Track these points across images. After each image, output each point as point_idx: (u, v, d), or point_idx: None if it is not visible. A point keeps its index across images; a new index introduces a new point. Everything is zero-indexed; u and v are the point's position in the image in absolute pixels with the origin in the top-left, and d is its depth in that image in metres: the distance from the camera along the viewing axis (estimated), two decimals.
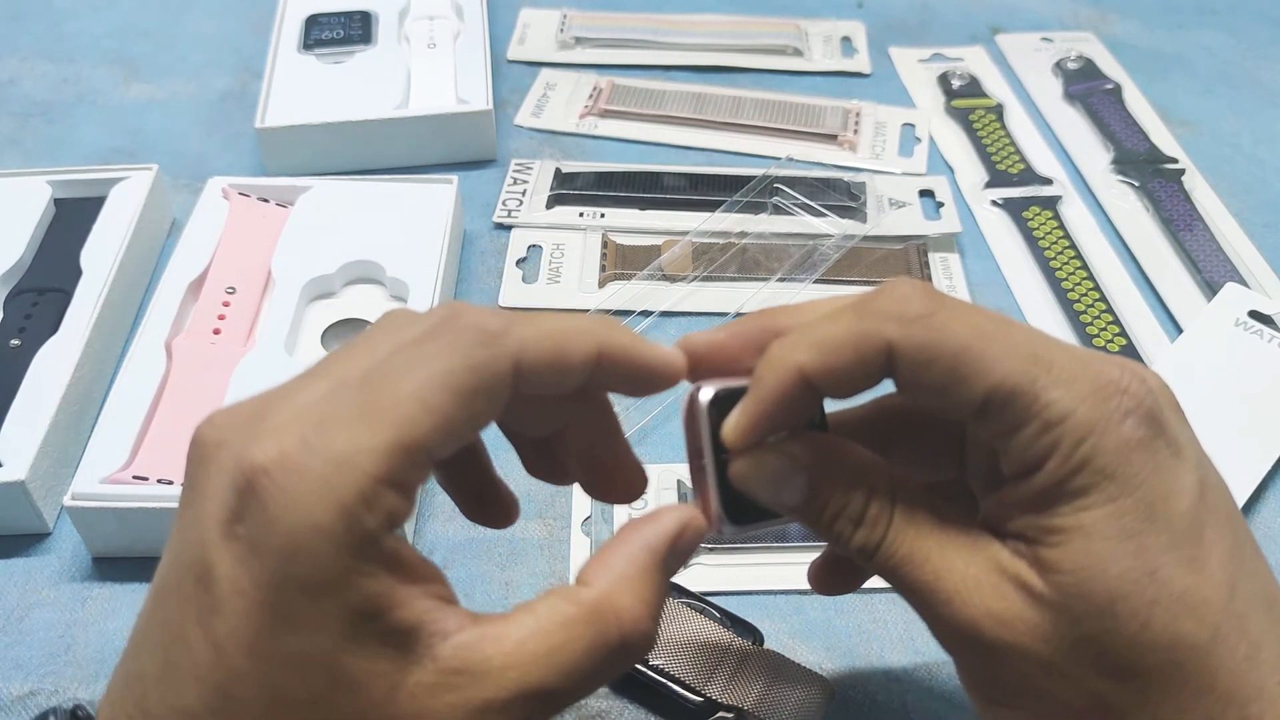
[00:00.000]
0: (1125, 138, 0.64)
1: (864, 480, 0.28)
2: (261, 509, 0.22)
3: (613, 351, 0.27)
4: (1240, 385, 0.48)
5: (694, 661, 0.37)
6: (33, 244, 0.52)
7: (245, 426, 0.24)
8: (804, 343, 0.27)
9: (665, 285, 0.54)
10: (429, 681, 0.24)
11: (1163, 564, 0.25)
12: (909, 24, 0.74)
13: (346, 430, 0.23)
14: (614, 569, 0.26)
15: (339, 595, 0.23)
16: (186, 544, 0.24)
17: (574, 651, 0.25)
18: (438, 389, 0.24)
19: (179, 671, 0.23)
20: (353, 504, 0.22)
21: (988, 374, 0.25)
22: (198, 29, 0.72)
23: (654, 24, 0.72)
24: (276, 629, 0.23)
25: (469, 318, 0.25)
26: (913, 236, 0.56)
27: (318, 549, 0.22)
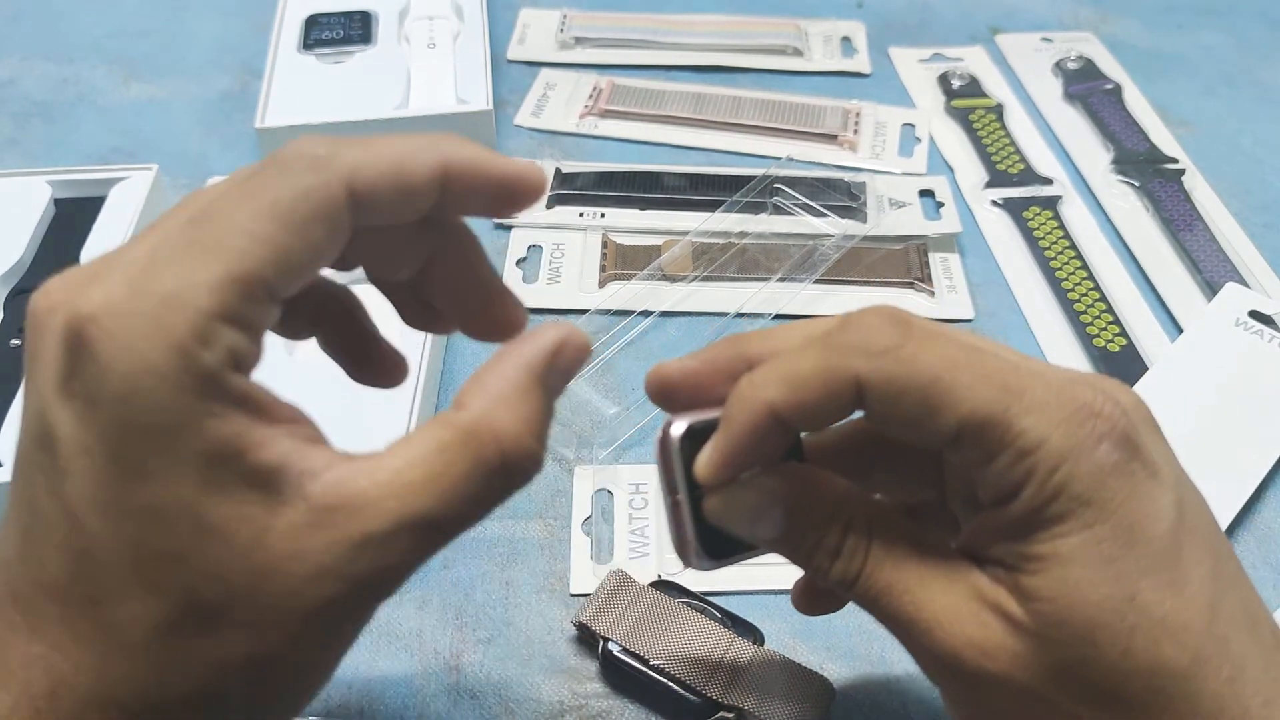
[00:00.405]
0: (1125, 138, 0.64)
1: (840, 513, 0.28)
2: (93, 359, 0.21)
3: (460, 167, 0.25)
4: (1240, 385, 0.48)
5: (694, 661, 0.37)
6: (33, 244, 0.52)
7: (71, 285, 0.23)
8: (773, 379, 0.27)
9: (665, 285, 0.54)
10: (300, 521, 0.23)
11: (1142, 589, 0.25)
12: (909, 24, 0.74)
13: (174, 268, 0.22)
14: (490, 389, 0.25)
15: (187, 439, 0.22)
16: (28, 415, 0.23)
17: (454, 476, 0.24)
18: (265, 218, 0.23)
19: (37, 544, 0.23)
20: (187, 341, 0.21)
21: (958, 405, 0.25)
22: (198, 29, 0.72)
23: (654, 24, 0.72)
24: (126, 481, 0.22)
25: (295, 147, 0.24)
26: (913, 236, 0.56)
27: (156, 391, 0.21)
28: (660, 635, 0.37)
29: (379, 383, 0.31)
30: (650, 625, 0.38)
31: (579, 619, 0.39)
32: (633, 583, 0.39)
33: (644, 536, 0.43)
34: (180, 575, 0.22)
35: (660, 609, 0.38)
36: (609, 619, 0.38)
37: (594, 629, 0.38)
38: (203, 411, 0.22)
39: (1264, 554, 0.43)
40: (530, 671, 0.39)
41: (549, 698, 0.38)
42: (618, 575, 0.39)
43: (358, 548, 0.23)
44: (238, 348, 0.23)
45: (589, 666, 0.39)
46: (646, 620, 0.38)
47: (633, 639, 0.37)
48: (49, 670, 0.22)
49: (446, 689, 0.38)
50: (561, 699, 0.38)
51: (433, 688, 0.38)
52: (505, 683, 0.38)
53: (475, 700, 0.38)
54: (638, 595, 0.39)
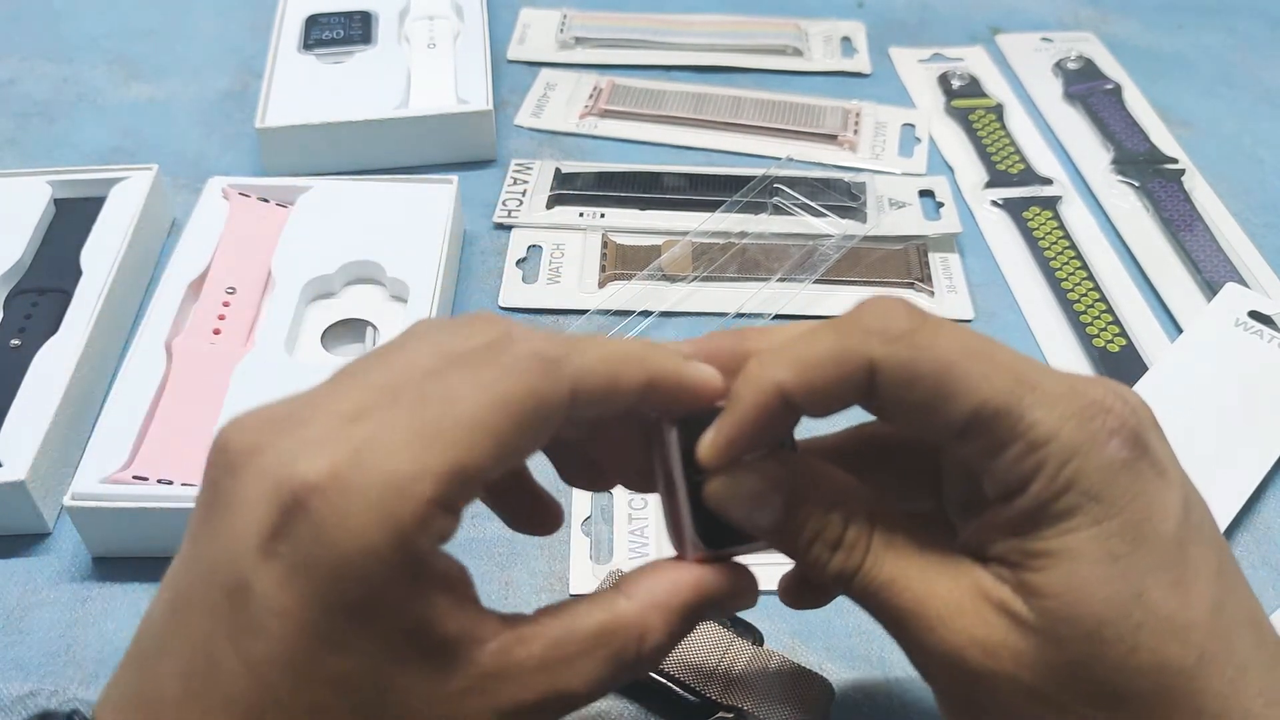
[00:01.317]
0: (1125, 138, 0.64)
1: (842, 502, 0.28)
2: (311, 528, 0.22)
3: (661, 378, 0.27)
4: (1240, 385, 0.48)
5: (694, 661, 0.37)
6: (33, 244, 0.52)
7: (281, 434, 0.23)
8: (784, 360, 0.26)
9: (665, 285, 0.54)
10: (464, 687, 0.24)
11: (1149, 587, 0.25)
12: (909, 24, 0.74)
13: (405, 451, 0.22)
14: (657, 593, 0.27)
15: (390, 617, 0.22)
16: (215, 560, 0.23)
17: (597, 661, 0.25)
18: (500, 415, 0.23)
19: (205, 694, 0.23)
20: (409, 527, 0.22)
21: (972, 393, 0.25)
22: (198, 29, 0.72)
23: (654, 24, 0.72)
24: (321, 651, 0.22)
25: (527, 344, 0.25)
26: (913, 237, 0.56)
27: (370, 572, 0.22)
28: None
29: (539, 532, 0.32)
30: None
31: None
32: None
33: (643, 537, 0.43)
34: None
35: None
36: None
37: None
38: (409, 593, 0.23)
39: (1264, 554, 0.43)
40: None
41: None
42: (617, 575, 0.39)
43: (505, 715, 0.24)
44: (446, 530, 0.23)
45: None
46: None
47: None
48: None
49: None
50: None
51: None
52: None
53: None
54: None
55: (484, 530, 0.43)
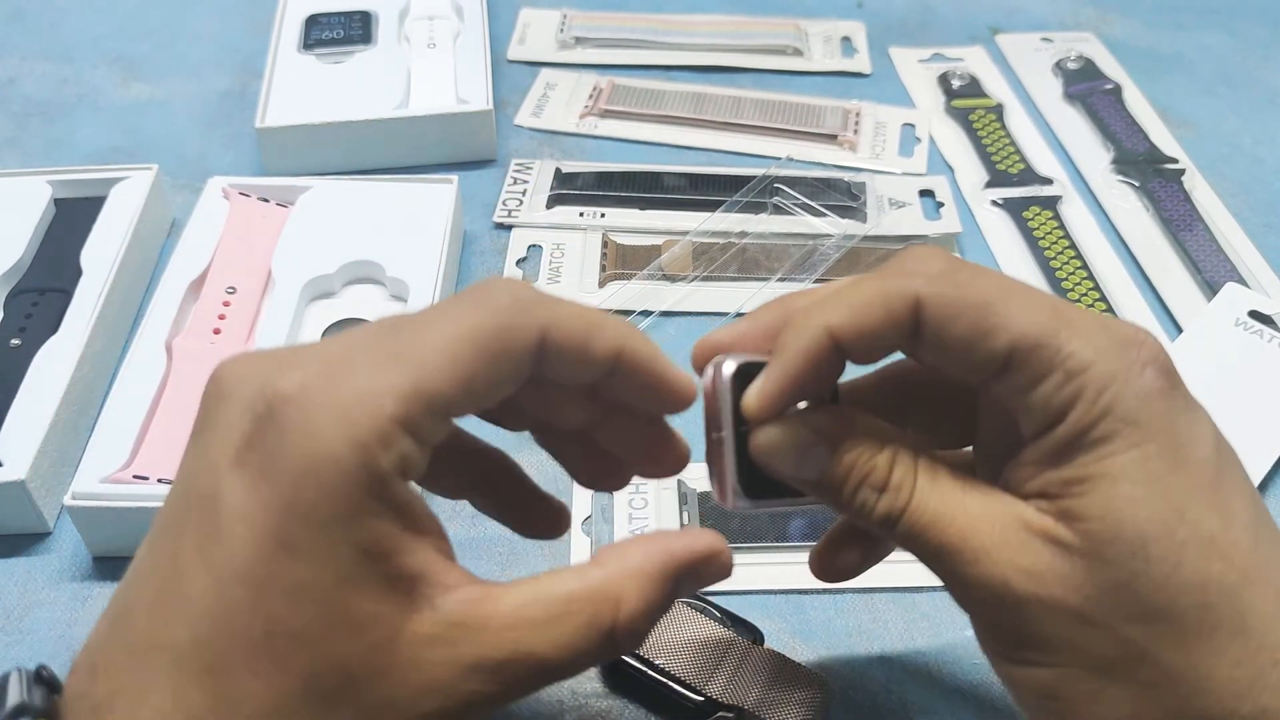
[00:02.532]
0: (1125, 138, 0.64)
1: (885, 446, 0.28)
2: (278, 434, 0.22)
3: (634, 355, 0.27)
4: (1240, 385, 0.48)
5: (694, 661, 0.37)
6: (33, 244, 0.52)
7: (268, 364, 0.24)
8: (831, 305, 0.27)
9: (665, 285, 0.54)
10: (426, 632, 0.24)
11: (1189, 506, 0.25)
12: (909, 24, 0.74)
13: (370, 370, 0.23)
14: (629, 560, 0.26)
15: (347, 530, 0.23)
16: (193, 474, 0.24)
17: (570, 626, 0.25)
18: (464, 342, 0.24)
19: (170, 603, 0.23)
20: (369, 440, 0.23)
21: (1011, 327, 0.26)
22: (198, 29, 0.72)
23: (654, 24, 0.72)
24: (280, 557, 0.22)
25: (503, 285, 0.26)
26: (913, 236, 0.56)
27: (331, 479, 0.22)
28: (660, 635, 0.37)
29: (542, 535, 0.33)
30: None
31: None
32: None
33: None
34: (306, 658, 0.23)
35: None
36: None
37: None
38: (368, 509, 0.23)
39: None
40: None
41: (549, 697, 0.38)
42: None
43: (471, 669, 0.24)
44: (409, 456, 0.24)
45: None
46: None
47: None
48: None
49: None
50: (561, 699, 0.38)
51: None
52: None
53: None
54: None
55: (484, 530, 0.43)
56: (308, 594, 0.22)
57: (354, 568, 0.23)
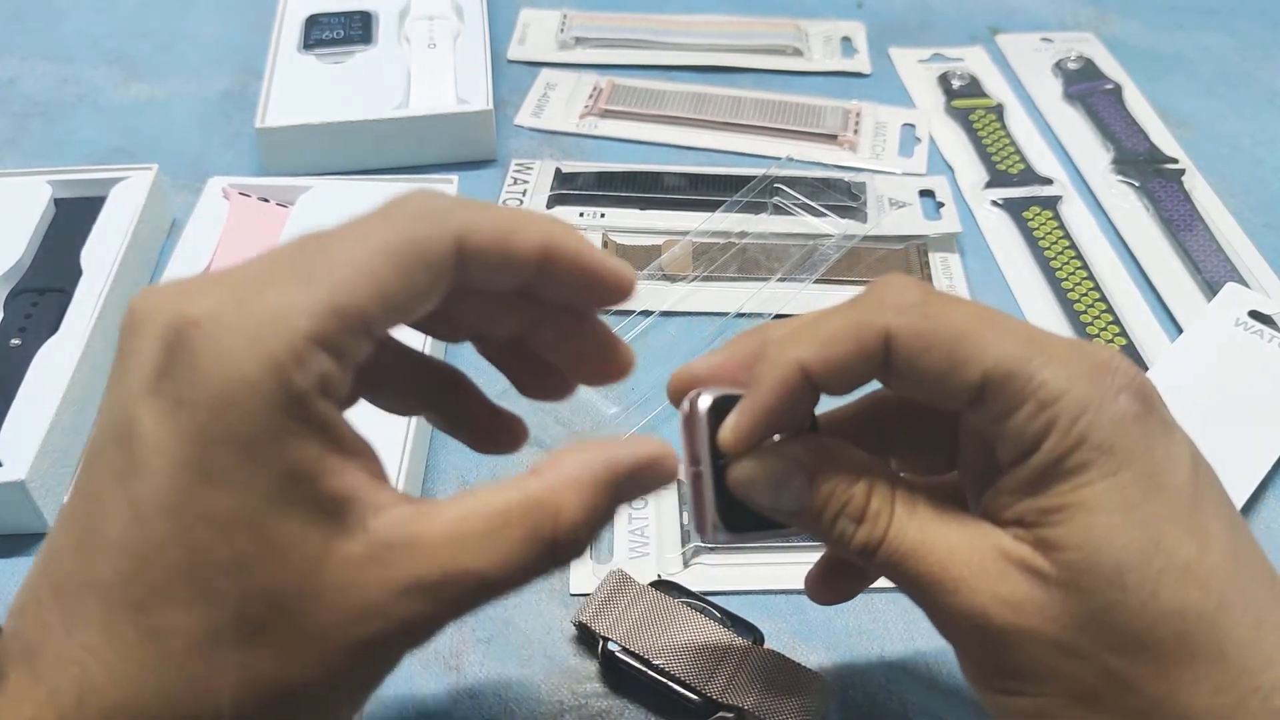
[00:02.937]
0: (1125, 138, 0.64)
1: (863, 476, 0.28)
2: (190, 361, 0.22)
3: (560, 251, 0.26)
4: (1240, 385, 0.48)
5: (694, 661, 0.37)
6: (33, 244, 0.51)
7: (177, 292, 0.23)
8: (803, 338, 0.27)
9: (665, 285, 0.54)
10: (358, 554, 0.23)
11: (1166, 534, 0.25)
12: (909, 24, 0.74)
13: (278, 290, 0.23)
14: (566, 470, 0.25)
15: (267, 453, 0.22)
16: (110, 409, 0.23)
17: (508, 539, 0.24)
18: (377, 255, 0.24)
19: (93, 541, 0.23)
20: (284, 359, 0.22)
21: (983, 357, 0.26)
22: (198, 29, 0.72)
23: (654, 24, 0.72)
24: (199, 486, 0.22)
25: (416, 197, 0.25)
26: (913, 236, 0.56)
27: (247, 403, 0.22)
28: (660, 635, 0.37)
29: (499, 449, 0.32)
30: (650, 625, 0.38)
31: (579, 619, 0.39)
32: (632, 583, 0.39)
33: (644, 536, 0.43)
34: (234, 588, 0.22)
35: (660, 609, 0.38)
36: (609, 619, 0.38)
37: (594, 629, 0.38)
38: (287, 430, 0.22)
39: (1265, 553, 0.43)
40: (530, 671, 0.39)
41: (549, 697, 0.38)
42: (617, 575, 0.39)
43: (406, 590, 0.23)
44: (329, 374, 0.23)
45: (589, 666, 0.39)
46: (646, 620, 0.38)
47: (633, 639, 0.37)
48: (81, 676, 0.22)
49: (446, 689, 0.38)
50: (561, 699, 0.38)
51: (433, 687, 0.38)
52: (505, 682, 0.38)
53: (475, 700, 0.38)
54: (637, 595, 0.39)
55: None
56: (230, 522, 0.22)
57: (277, 493, 0.22)
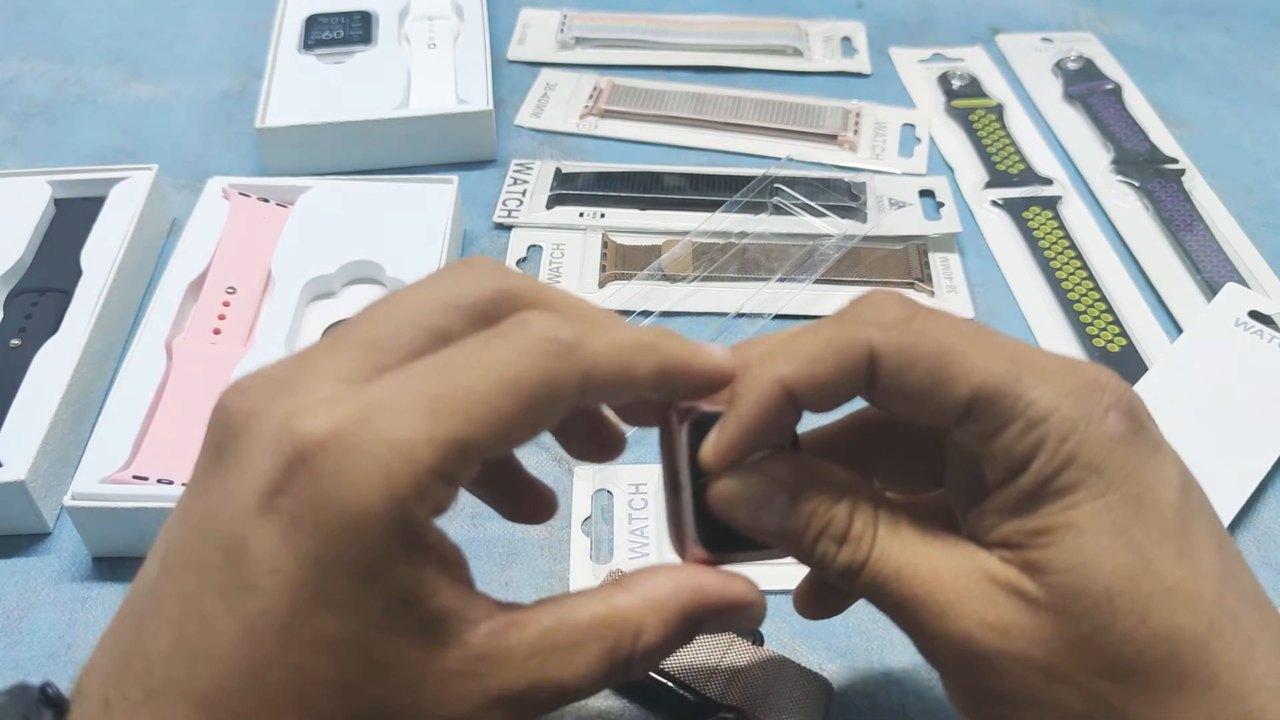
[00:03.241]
0: (1125, 138, 0.64)
1: (845, 496, 0.28)
2: (313, 483, 0.22)
3: (674, 367, 0.26)
4: (1240, 385, 0.48)
5: (694, 661, 0.37)
6: (33, 244, 0.52)
7: (283, 394, 0.23)
8: (784, 355, 0.26)
9: (665, 285, 0.54)
10: (455, 668, 0.24)
11: (1155, 557, 0.25)
12: (909, 24, 0.74)
13: (410, 417, 0.22)
14: (656, 591, 0.26)
15: (382, 581, 0.23)
16: (212, 518, 0.23)
17: (589, 654, 0.25)
18: (509, 395, 0.23)
19: (195, 650, 0.23)
20: (407, 493, 0.22)
21: (970, 375, 0.25)
22: (198, 29, 0.72)
23: (654, 24, 0.72)
24: (314, 608, 0.22)
25: (541, 323, 0.24)
26: (913, 236, 0.56)
27: (369, 532, 0.22)
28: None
29: (529, 519, 0.32)
30: None
31: None
32: None
33: (644, 536, 0.43)
34: (338, 706, 0.23)
35: None
36: None
37: None
38: (402, 558, 0.23)
39: (1264, 554, 0.43)
40: None
41: None
42: (617, 575, 0.39)
43: (496, 700, 0.24)
44: (442, 501, 0.23)
45: None
46: None
47: None
48: None
49: None
50: None
51: None
52: None
53: None
54: None
55: (484, 530, 0.43)
56: (342, 645, 0.22)
57: (388, 617, 0.23)
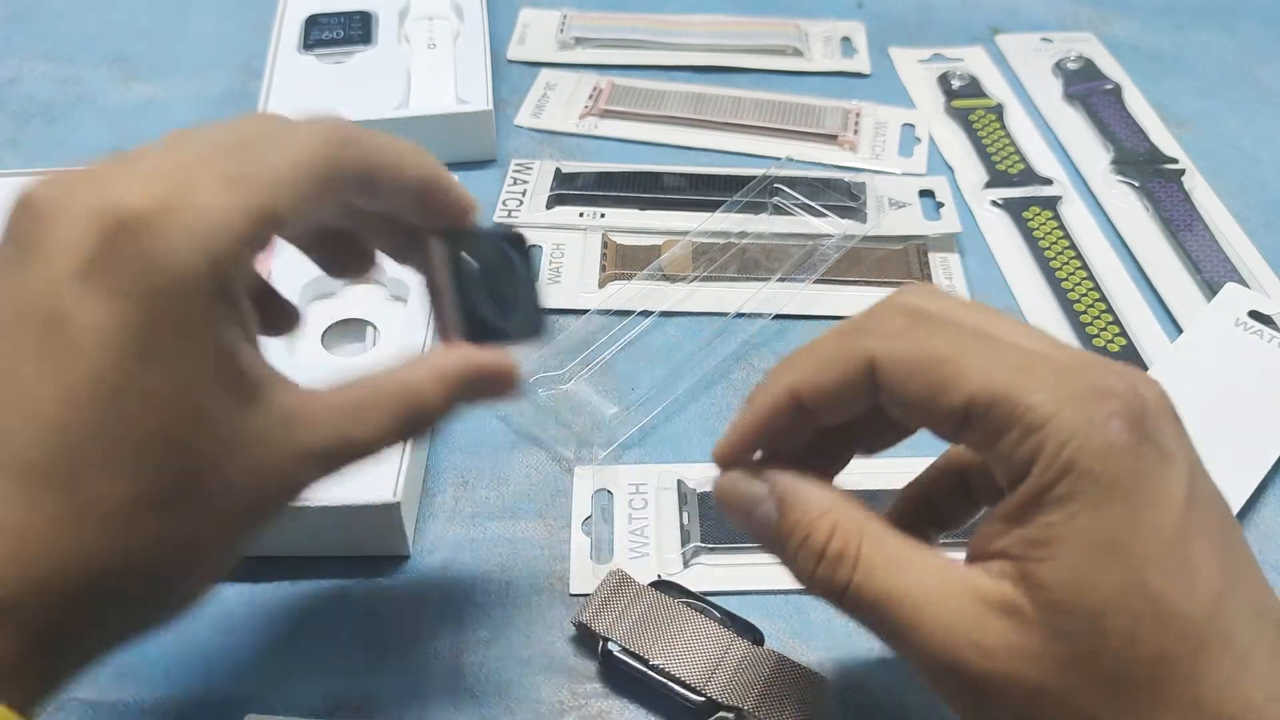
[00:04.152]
0: (1125, 138, 0.64)
1: (829, 513, 0.28)
2: (136, 250, 0.24)
3: (432, 176, 0.31)
4: (1240, 385, 0.48)
5: (694, 661, 0.37)
6: None
7: (88, 181, 0.25)
8: (793, 363, 0.29)
9: (665, 285, 0.54)
10: (265, 427, 0.26)
11: (1150, 576, 0.24)
12: (909, 24, 0.74)
13: (223, 192, 0.25)
14: (439, 362, 0.31)
15: (205, 337, 0.25)
16: (23, 293, 0.24)
17: (385, 411, 0.29)
18: (303, 172, 0.27)
19: (9, 418, 0.24)
20: (224, 257, 0.25)
21: (966, 382, 0.26)
22: (198, 29, 0.72)
23: (654, 24, 0.72)
24: (141, 365, 0.24)
25: (333, 120, 0.29)
26: (913, 236, 0.56)
27: (192, 293, 0.24)
28: (660, 635, 0.37)
29: (275, 332, 0.35)
30: (650, 625, 0.38)
31: (579, 619, 0.39)
32: (632, 583, 0.39)
33: (644, 536, 0.43)
34: (162, 457, 0.25)
35: (660, 609, 0.38)
36: (609, 619, 0.38)
37: (594, 629, 0.38)
38: (220, 316, 0.25)
39: (1264, 554, 0.43)
40: (530, 671, 0.39)
41: (549, 698, 0.38)
42: (617, 575, 0.39)
43: (303, 456, 0.27)
44: (249, 267, 0.26)
45: (589, 666, 0.39)
46: (646, 620, 0.38)
47: (632, 639, 0.37)
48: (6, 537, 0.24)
49: (446, 689, 0.38)
50: (561, 699, 0.38)
51: (432, 688, 0.38)
52: (505, 683, 0.38)
53: (475, 700, 0.38)
54: (637, 595, 0.39)
55: (484, 530, 0.43)
56: (168, 398, 0.24)
57: (207, 372, 0.25)
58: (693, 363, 0.50)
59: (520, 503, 0.44)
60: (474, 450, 0.46)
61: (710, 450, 0.31)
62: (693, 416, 0.48)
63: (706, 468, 0.45)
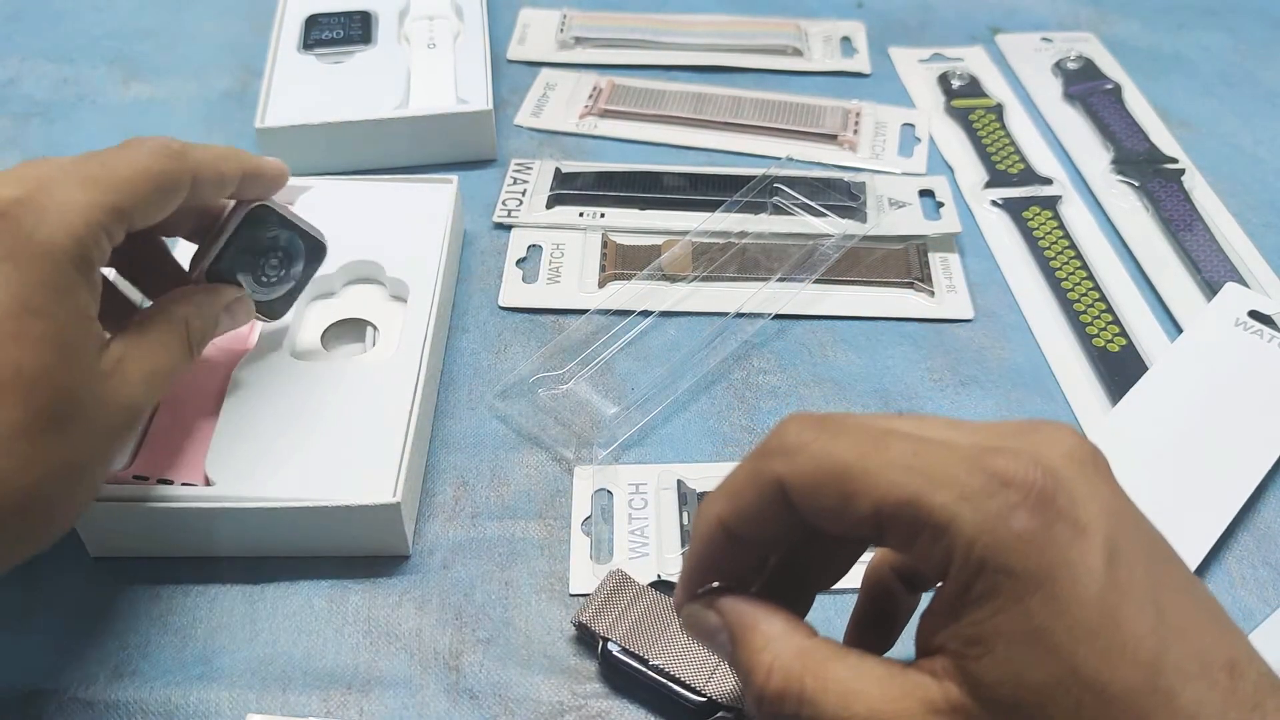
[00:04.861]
0: (1125, 138, 0.64)
1: (767, 650, 0.28)
2: (14, 229, 0.31)
3: (251, 168, 0.40)
4: (1240, 385, 0.48)
5: (694, 661, 0.37)
6: None
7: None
8: (718, 493, 0.29)
9: (665, 285, 0.54)
10: (108, 368, 0.34)
11: (1080, 660, 0.24)
12: (909, 24, 0.74)
13: (80, 189, 0.33)
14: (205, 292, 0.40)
15: (72, 296, 0.32)
16: None
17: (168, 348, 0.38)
18: (144, 179, 0.35)
19: None
20: (84, 236, 0.33)
21: (873, 490, 0.26)
22: (198, 29, 0.72)
23: (654, 24, 0.72)
24: (23, 316, 0.31)
25: (163, 139, 0.36)
26: (913, 236, 0.56)
27: (62, 261, 0.32)
28: (660, 635, 0.37)
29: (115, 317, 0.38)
30: (650, 625, 0.38)
31: (578, 619, 0.39)
32: (632, 582, 0.39)
33: (644, 536, 0.43)
34: (48, 390, 0.31)
35: (660, 609, 0.38)
36: (608, 619, 0.38)
37: (593, 629, 0.38)
38: (83, 284, 0.33)
39: (1264, 554, 0.43)
40: (530, 671, 0.39)
41: (549, 698, 0.38)
42: (617, 575, 0.39)
43: (136, 383, 0.35)
44: (104, 250, 0.34)
45: (589, 666, 0.39)
46: (646, 620, 0.38)
47: (632, 639, 0.37)
48: None
49: (446, 689, 0.38)
50: (561, 699, 0.38)
51: (432, 688, 0.38)
52: (505, 683, 0.38)
53: (475, 700, 0.38)
54: (637, 595, 0.39)
55: (484, 530, 0.43)
56: (47, 340, 0.31)
57: (76, 325, 0.32)
58: (692, 363, 0.50)
59: (520, 503, 0.44)
60: (474, 450, 0.46)
61: (709, 450, 0.31)
62: (693, 416, 0.48)
63: (706, 468, 0.45)
